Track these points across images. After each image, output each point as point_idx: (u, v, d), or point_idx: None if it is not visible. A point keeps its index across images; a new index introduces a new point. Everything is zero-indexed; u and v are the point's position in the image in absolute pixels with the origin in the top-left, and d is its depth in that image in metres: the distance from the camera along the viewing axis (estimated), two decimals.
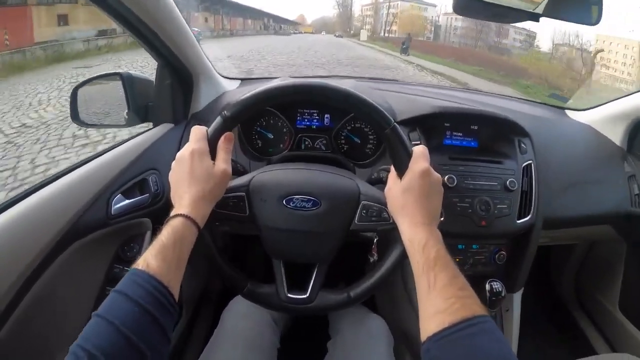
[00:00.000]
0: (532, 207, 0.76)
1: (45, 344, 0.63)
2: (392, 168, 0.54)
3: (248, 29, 40.70)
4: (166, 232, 0.45)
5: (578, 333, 1.19)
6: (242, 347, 0.66)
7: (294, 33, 45.41)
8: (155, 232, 0.75)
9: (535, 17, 0.67)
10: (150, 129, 0.86)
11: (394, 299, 0.97)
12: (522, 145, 0.80)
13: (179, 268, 0.44)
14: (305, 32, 49.57)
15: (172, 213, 0.48)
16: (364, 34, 40.21)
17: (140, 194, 0.74)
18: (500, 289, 0.76)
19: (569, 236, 0.98)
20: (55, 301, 0.63)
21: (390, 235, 0.57)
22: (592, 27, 0.67)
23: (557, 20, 0.67)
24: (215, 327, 0.71)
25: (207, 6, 28.76)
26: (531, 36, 24.53)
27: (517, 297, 0.84)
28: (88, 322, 0.37)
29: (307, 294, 0.57)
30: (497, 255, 0.79)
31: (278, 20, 52.88)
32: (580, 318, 1.20)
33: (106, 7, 0.62)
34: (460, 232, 0.73)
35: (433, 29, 38.48)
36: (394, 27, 41.54)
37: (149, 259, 0.42)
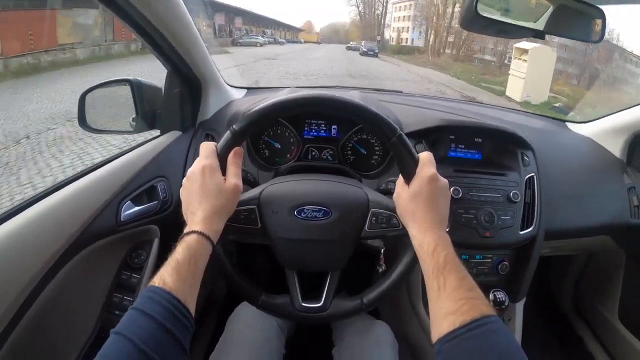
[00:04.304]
0: (535, 219, 0.77)
1: (53, 348, 0.63)
2: (400, 175, 0.55)
3: None
4: (181, 249, 0.45)
5: (578, 343, 1.19)
6: (249, 354, 0.66)
7: (276, 42, 26.83)
8: (163, 239, 0.76)
9: (540, 35, 0.68)
10: (157, 136, 0.86)
11: (396, 306, 0.97)
12: (525, 157, 0.81)
13: (194, 283, 0.45)
14: (306, 42, 34.15)
15: (186, 230, 0.48)
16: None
17: (149, 201, 0.74)
18: (504, 299, 0.78)
19: (569, 247, 1.00)
20: (64, 307, 0.63)
21: (399, 242, 0.58)
22: (596, 44, 0.68)
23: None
24: (219, 333, 0.72)
25: None
26: None
27: (520, 306, 0.85)
28: (107, 340, 0.37)
29: (322, 302, 0.58)
30: (499, 266, 0.80)
31: (263, 22, 32.21)
32: (580, 328, 1.21)
33: (119, 12, 0.62)
34: (465, 242, 0.74)
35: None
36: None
37: (164, 276, 0.42)
